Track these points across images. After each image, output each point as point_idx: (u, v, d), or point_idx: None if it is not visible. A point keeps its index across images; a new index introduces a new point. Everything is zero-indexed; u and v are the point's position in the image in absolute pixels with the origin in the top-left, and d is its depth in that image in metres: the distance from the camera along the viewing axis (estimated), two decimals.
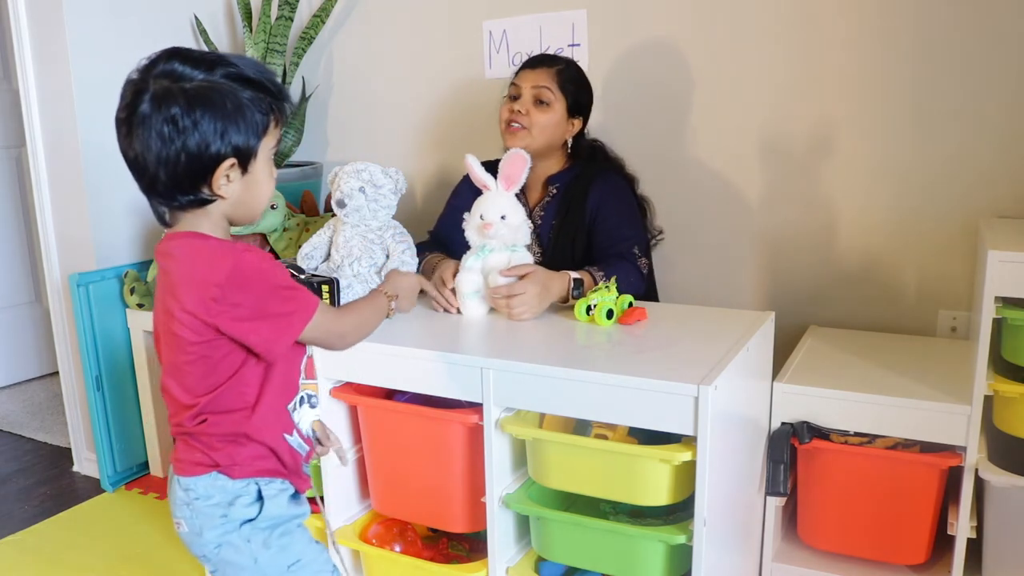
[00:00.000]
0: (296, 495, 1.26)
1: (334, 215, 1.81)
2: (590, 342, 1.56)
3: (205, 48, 2.75)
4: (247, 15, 2.72)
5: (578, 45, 2.37)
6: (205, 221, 1.16)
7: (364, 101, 2.77)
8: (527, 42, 2.45)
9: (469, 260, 1.72)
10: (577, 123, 2.02)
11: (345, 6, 2.75)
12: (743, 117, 2.22)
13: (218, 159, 1.10)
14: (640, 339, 1.56)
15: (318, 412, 1.31)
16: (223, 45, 2.83)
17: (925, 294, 2.08)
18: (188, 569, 2.11)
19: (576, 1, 2.36)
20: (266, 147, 1.15)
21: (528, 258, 1.74)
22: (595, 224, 1.96)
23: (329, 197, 1.82)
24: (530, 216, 2.04)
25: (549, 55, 2.07)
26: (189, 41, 2.75)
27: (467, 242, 1.76)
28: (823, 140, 2.13)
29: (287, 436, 1.24)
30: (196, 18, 2.74)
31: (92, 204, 2.47)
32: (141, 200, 1.18)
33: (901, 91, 2.03)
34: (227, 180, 1.12)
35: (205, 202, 1.14)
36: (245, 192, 1.15)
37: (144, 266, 2.56)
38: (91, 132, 2.45)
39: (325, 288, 1.66)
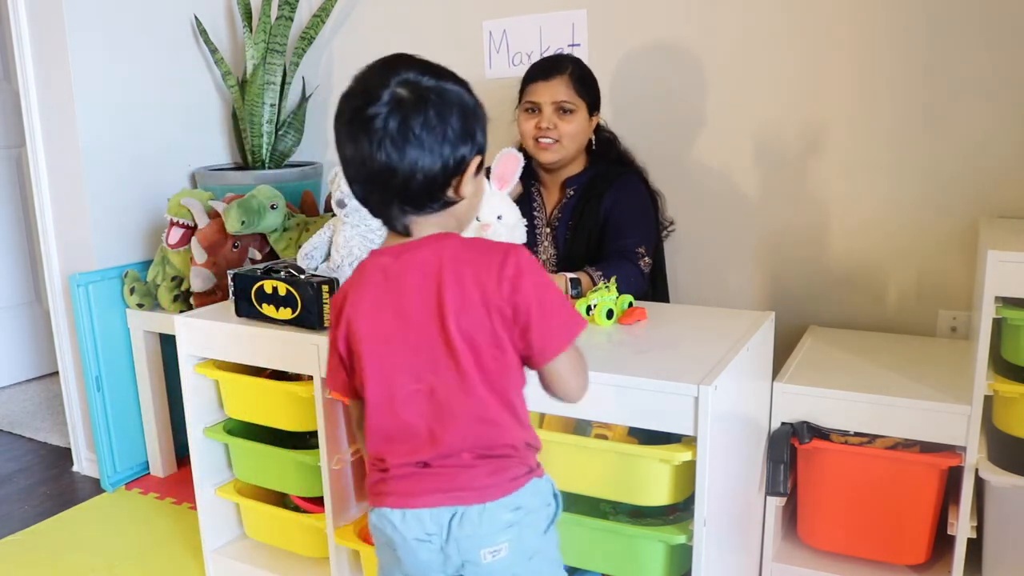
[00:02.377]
0: None
1: (334, 215, 1.81)
2: (590, 342, 1.56)
3: (206, 48, 2.75)
4: (247, 15, 2.72)
5: (578, 45, 2.37)
6: (450, 222, 1.12)
7: None
8: (527, 42, 2.45)
9: None
10: (596, 117, 2.02)
11: (345, 6, 2.75)
12: (743, 117, 2.22)
13: (468, 158, 1.08)
14: (640, 339, 1.56)
15: None
16: (223, 45, 2.83)
17: (925, 294, 2.08)
18: (188, 569, 2.11)
19: (576, 1, 2.36)
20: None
21: None
22: (606, 224, 1.97)
23: (329, 197, 1.82)
24: (548, 218, 2.05)
25: (555, 60, 2.02)
26: (189, 41, 2.75)
27: None
28: (823, 141, 2.13)
29: None
30: (196, 18, 2.74)
31: (92, 204, 2.47)
32: (141, 200, 1.18)
33: (902, 92, 2.03)
34: (471, 178, 1.10)
35: (448, 204, 1.10)
36: (474, 193, 1.13)
37: (144, 266, 2.56)
38: (91, 132, 2.45)
39: (325, 288, 1.66)
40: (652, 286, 2.02)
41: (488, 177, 1.73)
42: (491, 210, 1.70)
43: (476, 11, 2.51)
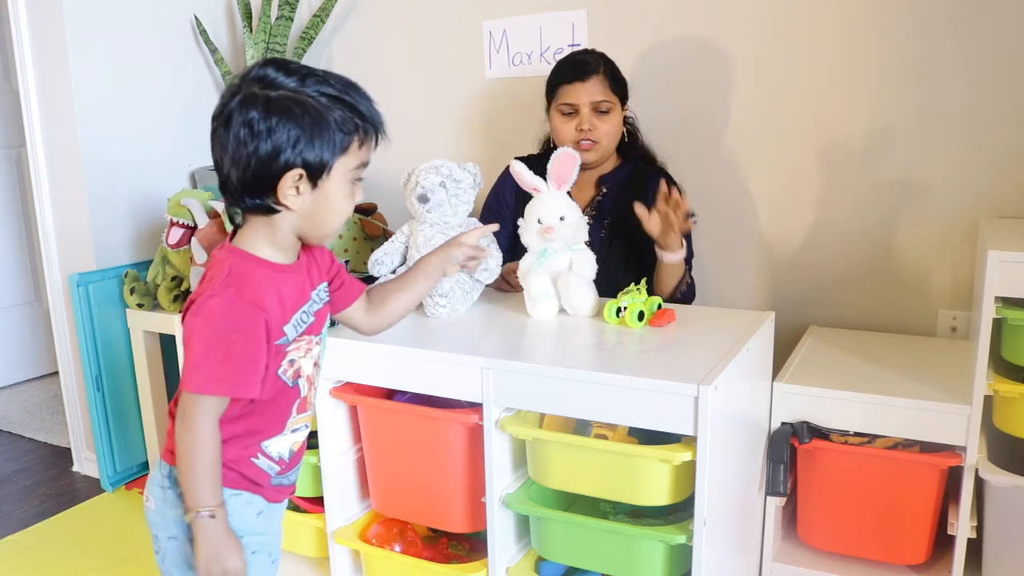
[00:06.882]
0: (263, 513, 1.23)
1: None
2: (591, 342, 1.56)
3: (206, 48, 2.75)
4: (247, 15, 2.72)
5: (578, 45, 2.37)
6: (269, 231, 1.17)
7: None
8: (527, 42, 2.45)
9: (532, 263, 1.69)
10: (626, 109, 2.03)
11: (345, 6, 2.75)
12: (742, 117, 2.22)
13: (286, 168, 1.10)
14: (640, 339, 1.56)
15: (298, 437, 1.27)
16: (223, 45, 2.83)
17: (925, 294, 2.08)
18: None
19: (576, 1, 2.36)
20: (344, 166, 1.14)
21: (590, 255, 1.71)
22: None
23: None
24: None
25: (586, 60, 1.97)
26: (189, 41, 2.75)
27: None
28: (823, 141, 2.13)
29: (253, 459, 1.22)
30: (196, 18, 2.74)
31: (92, 204, 2.47)
32: (141, 200, 1.19)
33: (902, 92, 2.03)
34: (296, 192, 1.12)
35: (271, 210, 1.14)
36: (315, 208, 1.15)
37: (144, 266, 2.56)
38: (91, 132, 2.46)
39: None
40: None
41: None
42: (554, 211, 1.66)
43: (476, 11, 2.51)
